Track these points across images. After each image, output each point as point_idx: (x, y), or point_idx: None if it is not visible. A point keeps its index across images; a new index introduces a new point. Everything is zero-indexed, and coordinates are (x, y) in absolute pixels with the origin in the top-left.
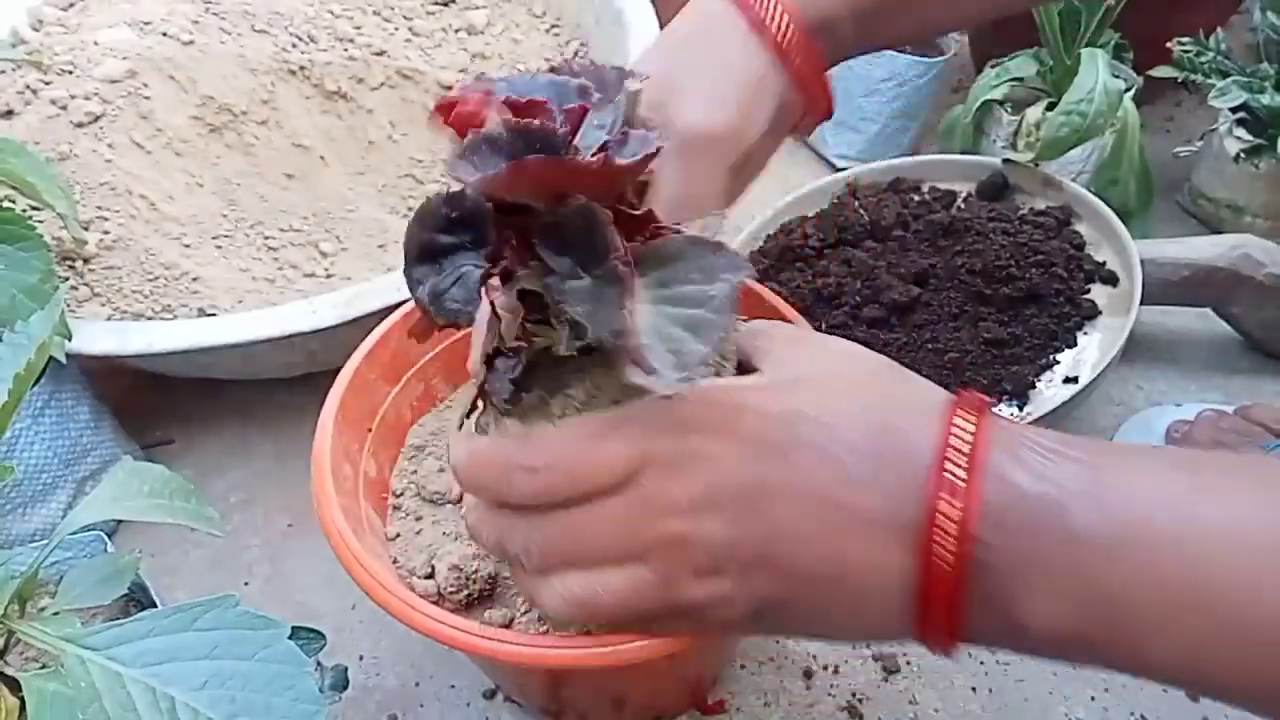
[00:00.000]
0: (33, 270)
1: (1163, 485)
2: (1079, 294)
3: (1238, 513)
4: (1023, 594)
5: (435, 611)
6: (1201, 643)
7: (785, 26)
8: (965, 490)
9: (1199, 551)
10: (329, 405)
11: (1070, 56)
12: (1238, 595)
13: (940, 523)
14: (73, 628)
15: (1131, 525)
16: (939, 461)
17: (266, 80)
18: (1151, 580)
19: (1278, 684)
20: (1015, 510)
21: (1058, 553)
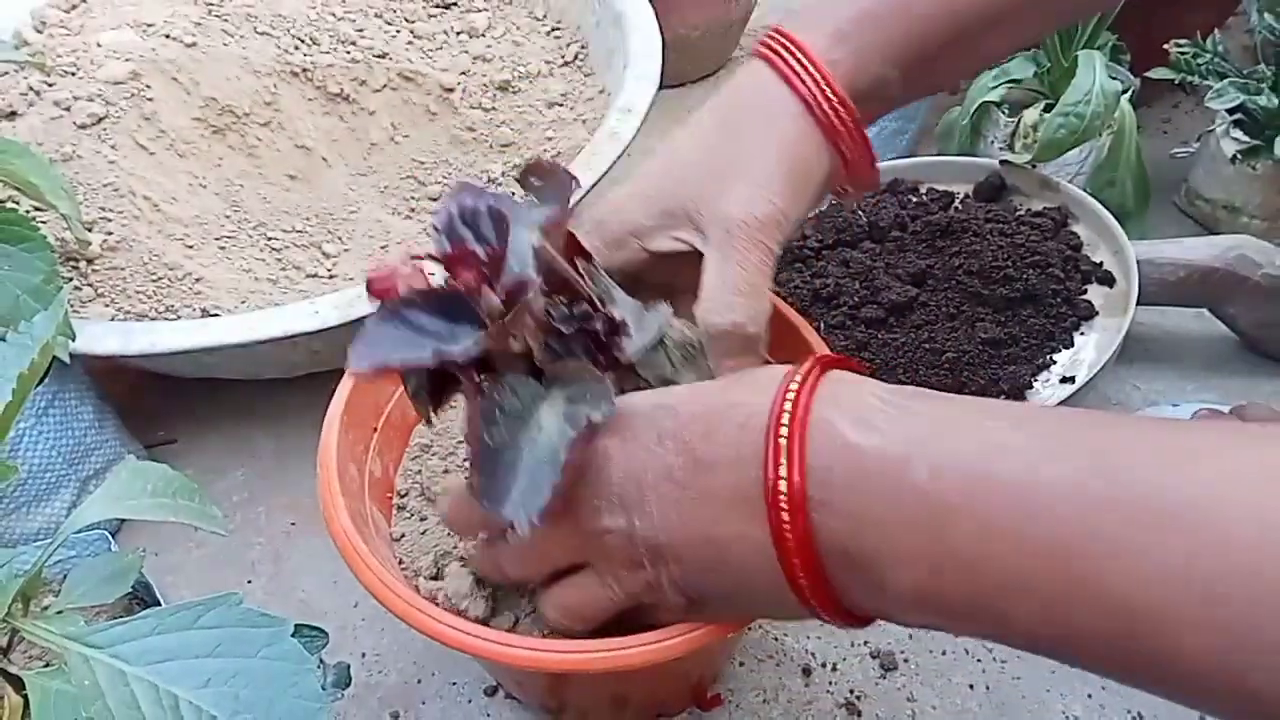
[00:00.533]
0: (36, 271)
1: (1001, 435)
2: (1076, 294)
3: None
4: (876, 554)
5: (439, 614)
6: (1055, 603)
7: (836, 105)
8: (790, 448)
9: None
10: (334, 405)
11: (1067, 58)
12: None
13: (776, 485)
14: (76, 626)
15: (974, 479)
16: (772, 425)
17: (269, 82)
18: (1000, 537)
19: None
20: (844, 465)
21: (901, 507)
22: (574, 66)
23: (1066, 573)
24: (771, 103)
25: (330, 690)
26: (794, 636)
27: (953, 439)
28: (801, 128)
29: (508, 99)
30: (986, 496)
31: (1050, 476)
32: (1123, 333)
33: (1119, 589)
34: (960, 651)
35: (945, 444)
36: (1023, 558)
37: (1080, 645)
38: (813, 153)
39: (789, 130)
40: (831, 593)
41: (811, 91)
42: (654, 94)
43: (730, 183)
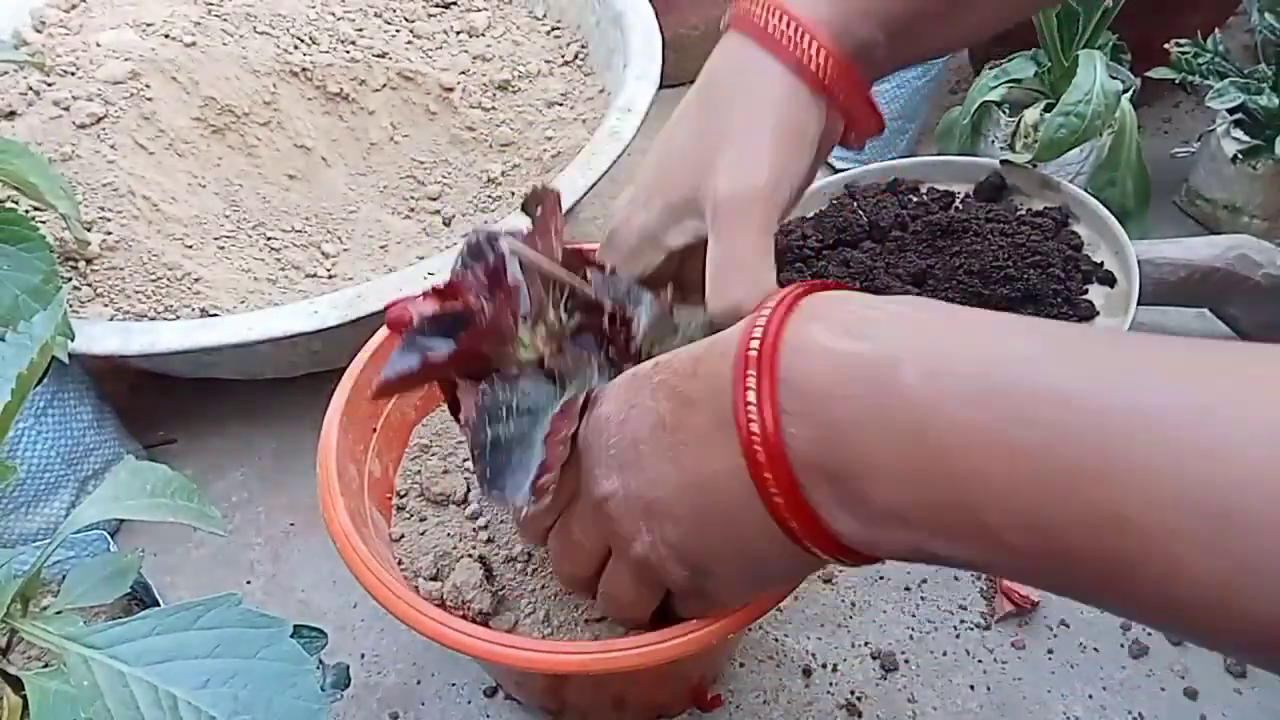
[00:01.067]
0: (35, 271)
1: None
2: (1076, 294)
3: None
4: (855, 464)
5: (438, 614)
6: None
7: (824, 61)
8: (759, 361)
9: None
10: (334, 406)
11: (1068, 58)
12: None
13: (744, 398)
14: (75, 626)
15: (969, 383)
16: (742, 342)
17: (268, 82)
18: (991, 444)
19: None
20: (820, 372)
21: (884, 411)
22: (574, 66)
23: (1064, 491)
24: (753, 68)
25: (329, 691)
26: (794, 637)
27: (951, 343)
28: (787, 86)
29: (507, 98)
30: (983, 401)
31: (1051, 384)
32: None
33: (1114, 503)
34: (961, 652)
35: (940, 347)
36: (1015, 468)
37: (1071, 566)
38: (802, 109)
39: (773, 90)
40: (810, 513)
41: (794, 46)
42: (654, 93)
43: (715, 159)
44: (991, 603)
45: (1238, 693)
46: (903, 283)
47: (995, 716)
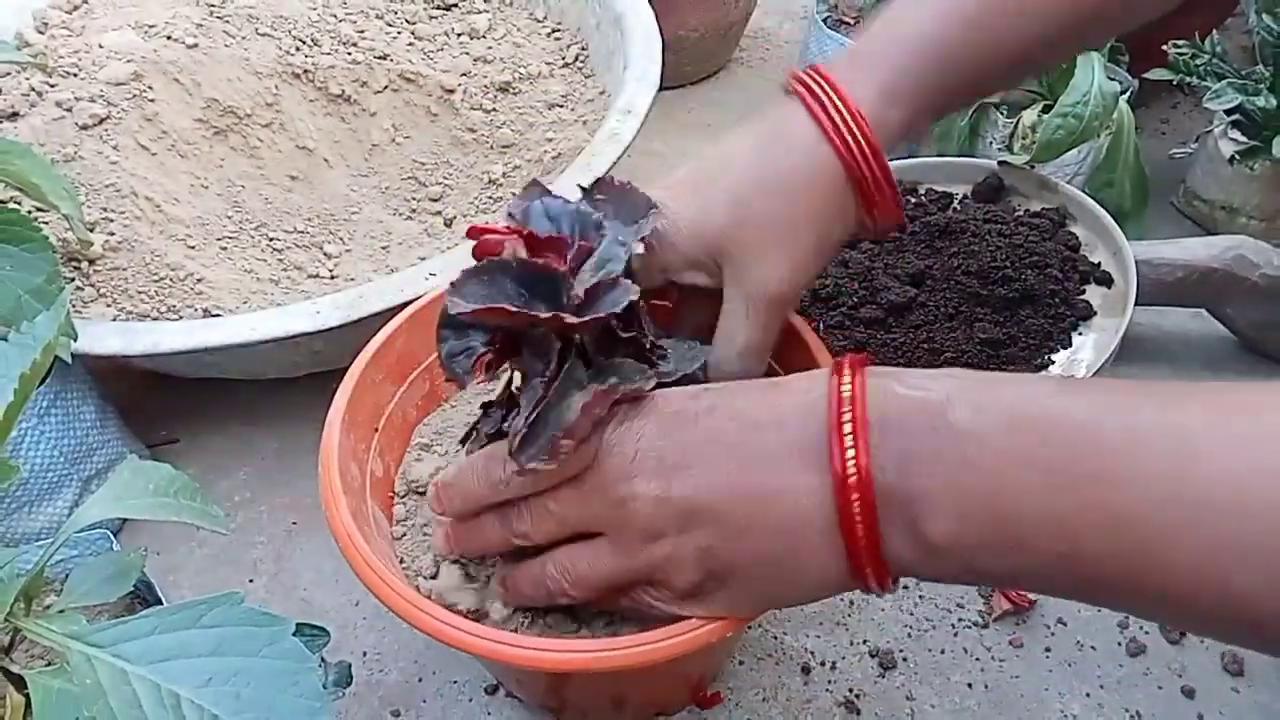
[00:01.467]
0: (38, 271)
1: (1034, 386)
2: (1074, 295)
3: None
4: (914, 490)
5: (439, 612)
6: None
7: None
8: (853, 398)
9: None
10: (336, 406)
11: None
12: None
13: (840, 425)
14: (78, 625)
15: (1005, 416)
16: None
17: (270, 83)
18: (1023, 463)
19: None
20: (895, 410)
21: (939, 440)
22: (574, 68)
23: (1081, 497)
24: (812, 159)
25: (331, 689)
26: (793, 635)
27: (994, 388)
28: (838, 188)
29: (508, 100)
30: (1016, 428)
31: (1066, 412)
32: (1121, 333)
33: (1122, 504)
34: (959, 650)
35: (986, 390)
36: (1042, 481)
37: (1093, 572)
38: (841, 214)
39: (826, 192)
40: (878, 536)
41: (853, 152)
42: (654, 95)
43: (766, 251)
44: (989, 601)
45: (1235, 691)
46: (901, 283)
47: (993, 714)
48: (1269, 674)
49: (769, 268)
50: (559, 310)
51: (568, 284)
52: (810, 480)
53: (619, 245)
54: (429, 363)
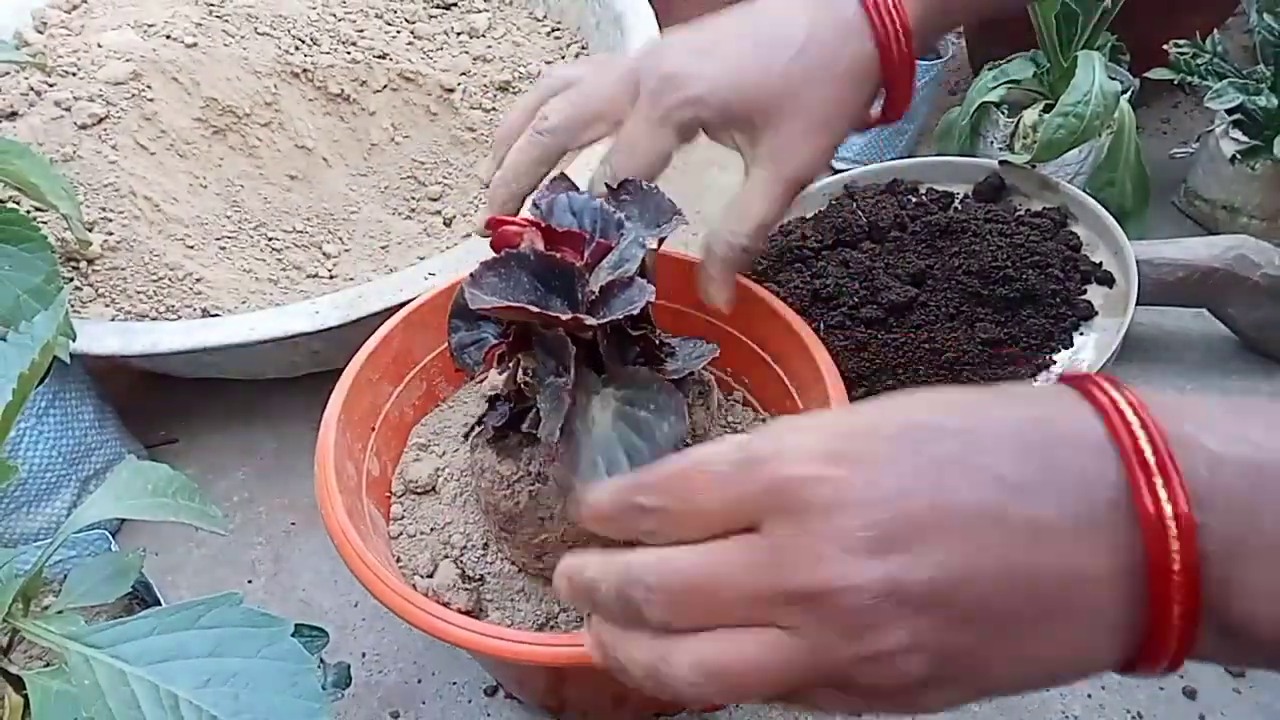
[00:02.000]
0: (37, 271)
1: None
2: (1075, 295)
3: None
4: (1246, 584)
5: (438, 610)
6: None
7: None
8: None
9: None
10: (332, 405)
11: (1067, 59)
12: None
13: (1159, 511)
14: (76, 626)
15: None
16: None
17: (269, 82)
18: None
19: None
20: (1228, 484)
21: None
22: None
23: None
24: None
25: (330, 690)
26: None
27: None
28: (871, 76)
29: (508, 99)
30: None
31: None
32: (1122, 333)
33: None
34: None
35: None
36: None
37: None
38: (867, 102)
39: (863, 80)
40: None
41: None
42: None
43: (809, 130)
44: None
45: (1236, 692)
46: (901, 283)
47: (995, 715)
48: (1270, 676)
49: (806, 147)
50: (574, 307)
51: (583, 280)
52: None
53: (638, 246)
54: (426, 363)
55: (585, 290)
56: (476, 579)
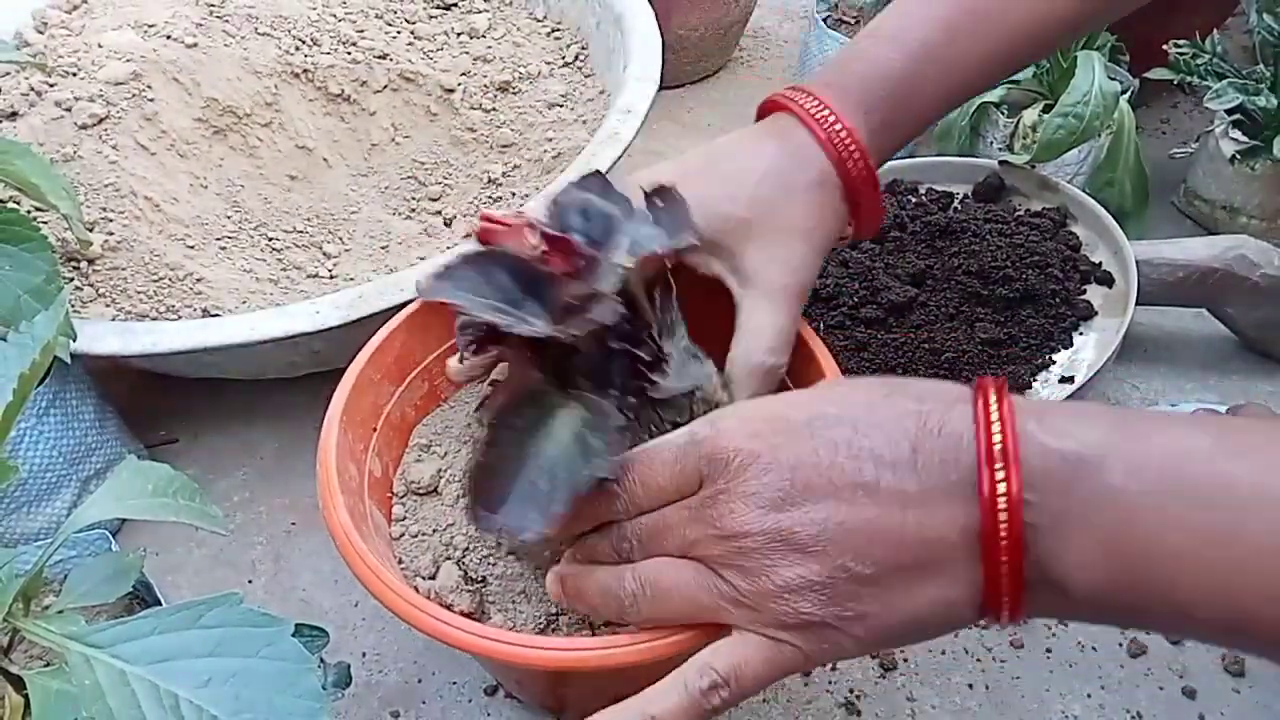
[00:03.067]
0: (37, 271)
1: (1188, 441)
2: (1075, 294)
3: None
4: (1062, 551)
5: (439, 611)
6: (1231, 577)
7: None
8: (1004, 452)
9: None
10: (334, 405)
11: (1066, 59)
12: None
13: (994, 490)
14: (77, 626)
15: (1165, 479)
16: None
17: (270, 83)
18: (1179, 523)
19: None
20: (1053, 470)
21: (1093, 507)
22: (574, 67)
23: (1241, 560)
24: (814, 167)
25: (330, 690)
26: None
27: (1147, 443)
28: (836, 199)
29: (508, 100)
30: (1178, 494)
31: (1231, 473)
32: (1122, 333)
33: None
34: (960, 651)
35: (1137, 446)
36: (1204, 548)
37: (1251, 629)
38: (841, 222)
39: (828, 200)
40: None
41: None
42: (654, 95)
43: (790, 241)
44: None
45: (1235, 692)
46: (901, 283)
47: (994, 715)
48: (1270, 675)
49: (788, 254)
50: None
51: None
52: (958, 521)
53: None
54: (428, 362)
55: (561, 298)
56: (479, 581)
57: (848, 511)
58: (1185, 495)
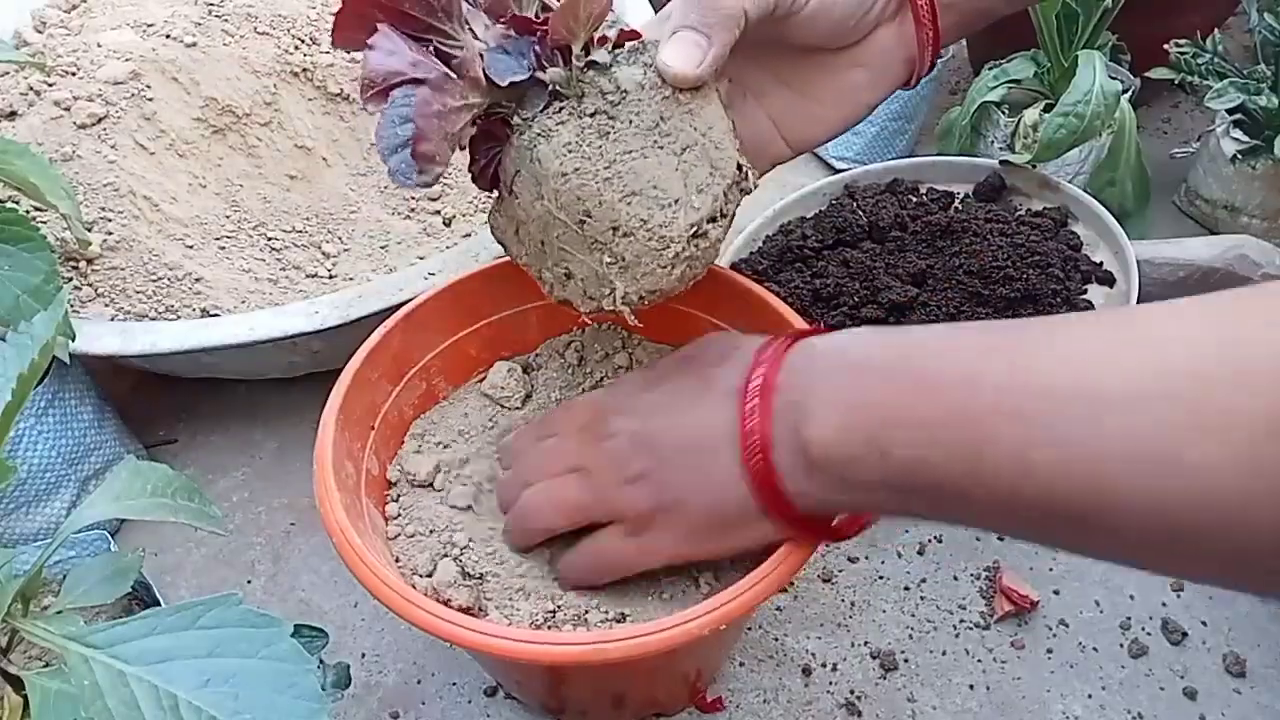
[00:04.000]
0: (36, 271)
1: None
2: (1076, 295)
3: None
4: (810, 414)
5: (436, 608)
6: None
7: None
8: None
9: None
10: (331, 404)
11: (1067, 58)
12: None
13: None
14: (76, 626)
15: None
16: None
17: (269, 82)
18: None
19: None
20: (805, 356)
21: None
22: None
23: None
24: None
25: (330, 690)
26: (794, 636)
27: (885, 337)
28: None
29: None
30: (894, 351)
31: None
32: None
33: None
34: (960, 652)
35: (878, 337)
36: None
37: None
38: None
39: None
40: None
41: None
42: None
43: None
44: (991, 602)
45: (1237, 692)
46: (902, 283)
47: (994, 716)
48: (1271, 675)
49: None
50: None
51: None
52: (727, 416)
53: None
54: (425, 362)
55: None
56: (477, 577)
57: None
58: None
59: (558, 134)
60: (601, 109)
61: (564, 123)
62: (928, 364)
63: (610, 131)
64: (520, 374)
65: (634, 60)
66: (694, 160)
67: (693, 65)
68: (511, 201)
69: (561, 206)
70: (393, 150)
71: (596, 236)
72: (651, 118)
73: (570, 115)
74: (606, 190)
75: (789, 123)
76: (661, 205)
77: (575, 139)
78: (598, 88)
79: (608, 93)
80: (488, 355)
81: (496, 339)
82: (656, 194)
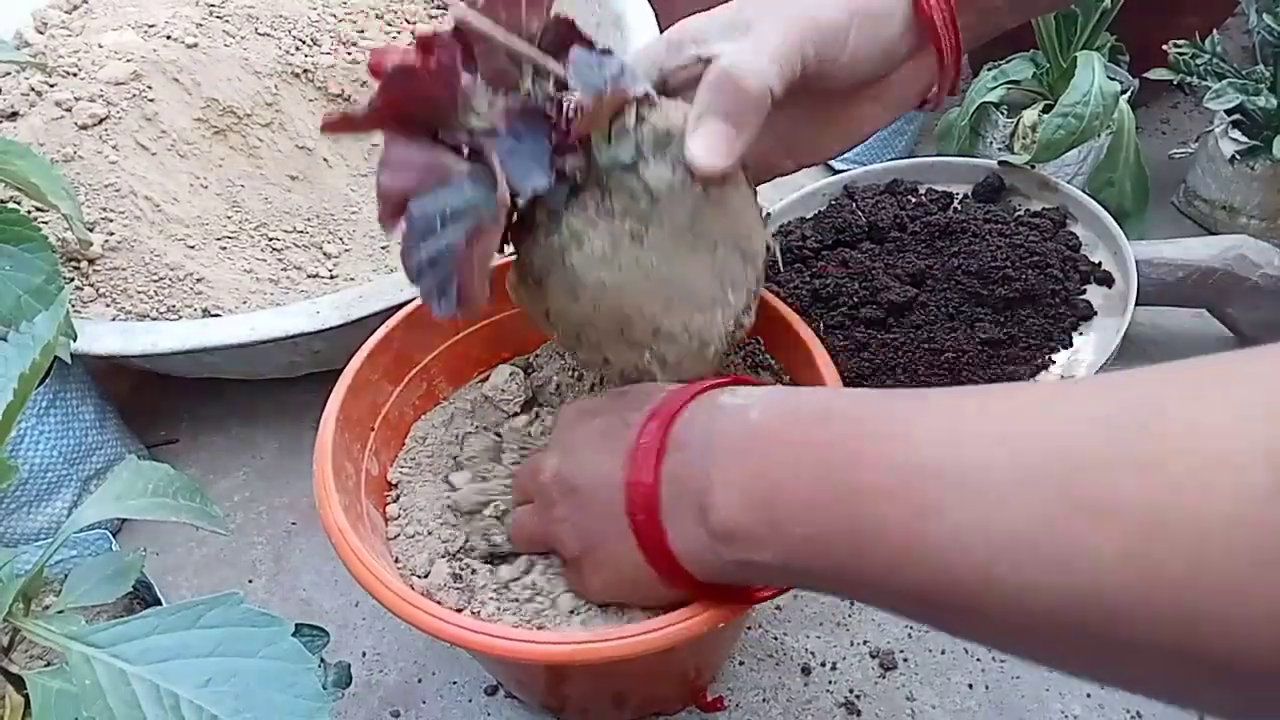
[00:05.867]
0: (38, 271)
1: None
2: (1075, 295)
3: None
4: (706, 478)
5: (434, 607)
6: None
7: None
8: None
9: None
10: (331, 405)
11: (1066, 59)
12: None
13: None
14: (77, 625)
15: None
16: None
17: (270, 83)
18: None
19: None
20: (702, 417)
21: (732, 437)
22: None
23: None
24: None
25: (331, 689)
26: (793, 636)
27: (798, 394)
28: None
29: None
30: (794, 420)
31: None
32: (1121, 333)
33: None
34: (959, 651)
35: (790, 395)
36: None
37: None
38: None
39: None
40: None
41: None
42: None
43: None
44: None
45: None
46: (901, 283)
47: (993, 715)
48: None
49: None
50: None
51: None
52: (618, 476)
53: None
54: (426, 362)
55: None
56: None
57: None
58: (800, 422)
59: (589, 240)
60: (631, 210)
61: (594, 224)
62: (819, 435)
63: (643, 238)
64: (521, 378)
65: (661, 156)
66: (727, 255)
67: (723, 159)
68: (539, 291)
69: (599, 313)
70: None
71: (636, 339)
72: (684, 219)
73: (599, 217)
74: (646, 302)
75: (797, 144)
76: (700, 309)
77: (609, 249)
78: (625, 188)
79: (637, 195)
80: (488, 356)
81: (497, 339)
82: (696, 299)
